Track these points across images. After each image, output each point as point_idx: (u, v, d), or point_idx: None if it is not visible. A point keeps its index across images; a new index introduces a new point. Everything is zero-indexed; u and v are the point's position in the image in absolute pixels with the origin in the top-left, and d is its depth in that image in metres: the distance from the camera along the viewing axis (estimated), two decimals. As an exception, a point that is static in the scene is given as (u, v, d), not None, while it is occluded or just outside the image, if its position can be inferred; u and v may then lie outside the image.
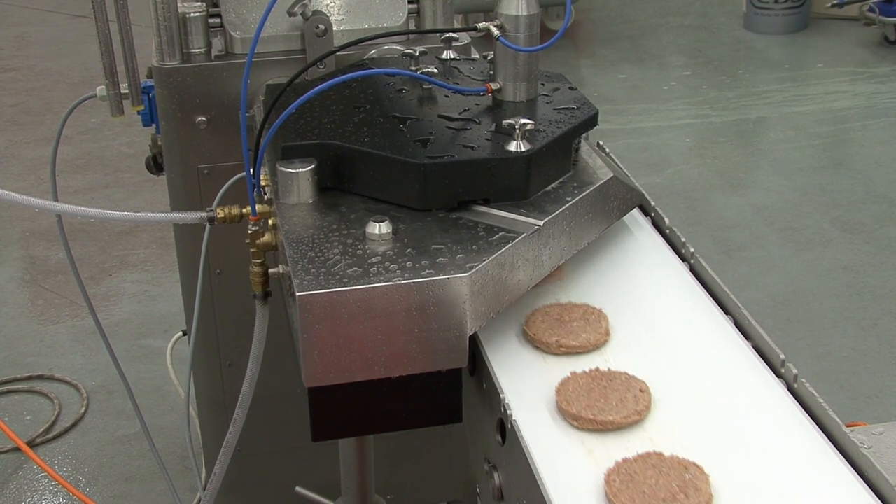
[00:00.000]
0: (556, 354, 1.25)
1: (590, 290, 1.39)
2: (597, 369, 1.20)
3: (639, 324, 1.32)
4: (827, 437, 1.11)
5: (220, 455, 1.67)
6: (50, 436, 3.20)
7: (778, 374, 1.21)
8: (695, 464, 1.05)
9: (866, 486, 1.04)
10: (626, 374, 1.19)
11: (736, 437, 1.12)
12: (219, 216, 1.54)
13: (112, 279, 4.03)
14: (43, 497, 3.02)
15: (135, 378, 2.78)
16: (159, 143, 2.08)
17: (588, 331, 1.27)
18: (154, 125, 2.06)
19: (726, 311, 1.33)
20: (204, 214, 1.56)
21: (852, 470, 1.06)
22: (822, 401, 1.13)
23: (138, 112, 2.02)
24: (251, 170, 1.38)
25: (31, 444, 3.13)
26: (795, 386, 1.17)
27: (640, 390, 1.16)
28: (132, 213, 1.56)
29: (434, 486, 2.67)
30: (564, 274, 1.42)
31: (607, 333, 1.28)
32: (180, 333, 2.65)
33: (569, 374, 1.19)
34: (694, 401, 1.17)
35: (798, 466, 1.07)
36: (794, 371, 1.18)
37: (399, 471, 2.52)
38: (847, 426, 1.12)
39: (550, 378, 1.20)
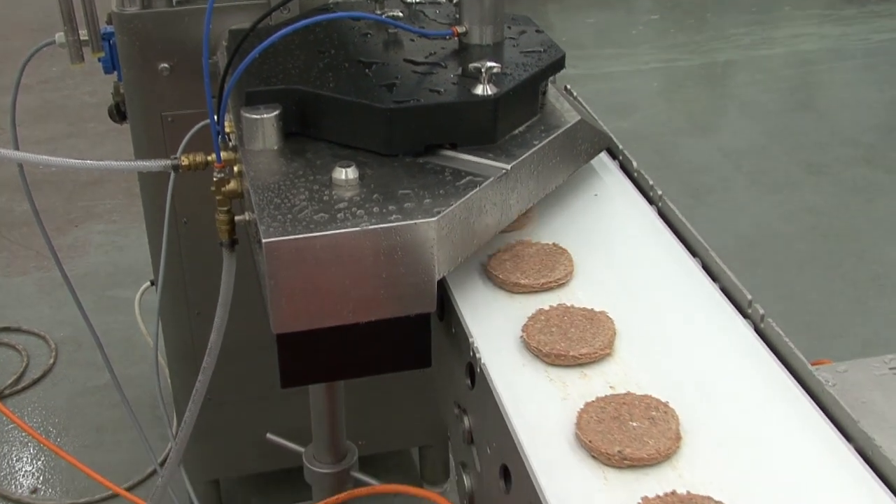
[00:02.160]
0: (523, 294, 1.26)
1: (557, 233, 1.39)
2: (562, 305, 1.21)
3: (606, 265, 1.33)
4: (792, 375, 1.12)
5: (189, 404, 1.67)
6: (19, 387, 3.19)
7: (745, 315, 1.22)
8: (665, 403, 1.06)
9: (830, 423, 1.05)
10: (593, 310, 1.20)
11: (702, 375, 1.12)
12: (183, 164, 1.53)
13: (78, 230, 4.00)
14: (13, 448, 3.01)
15: (103, 329, 2.76)
16: (122, 90, 2.06)
17: (554, 269, 1.28)
18: (116, 72, 2.03)
19: (694, 253, 1.34)
20: (168, 162, 1.54)
21: (817, 407, 1.07)
22: (787, 340, 1.15)
23: (99, 59, 1.99)
24: (215, 116, 1.36)
25: (0, 396, 3.12)
26: (762, 326, 1.19)
27: (606, 324, 1.17)
28: (95, 162, 1.54)
29: (405, 432, 2.69)
30: (533, 218, 1.42)
31: (571, 272, 1.29)
32: (148, 283, 2.64)
33: (535, 311, 1.20)
34: (661, 339, 1.18)
35: (763, 404, 1.08)
36: (761, 311, 1.19)
37: (370, 417, 2.53)
38: (812, 364, 1.13)
39: (518, 319, 1.20)
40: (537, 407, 1.08)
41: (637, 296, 1.26)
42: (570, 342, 1.14)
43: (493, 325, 1.19)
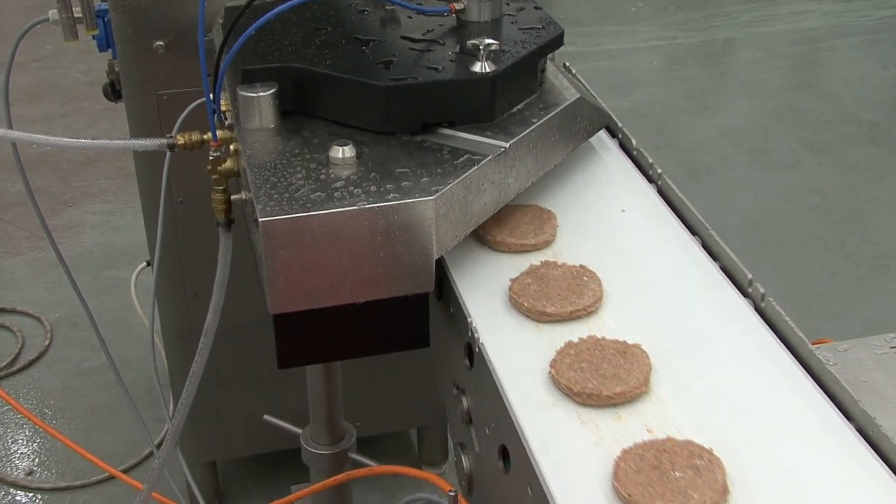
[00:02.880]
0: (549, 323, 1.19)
1: (556, 212, 1.39)
2: (592, 337, 1.14)
3: (605, 245, 1.33)
4: (793, 354, 1.12)
5: (186, 385, 1.68)
6: (14, 369, 3.19)
7: (745, 294, 1.22)
8: (710, 451, 0.98)
9: (831, 402, 1.06)
10: (626, 343, 1.12)
11: (700, 351, 1.13)
12: (179, 142, 1.52)
13: (73, 210, 3.99)
14: (9, 430, 3.02)
15: (99, 310, 2.76)
16: (116, 68, 2.05)
17: (582, 294, 1.21)
18: (110, 50, 2.03)
19: (694, 231, 1.34)
20: (164, 141, 1.54)
21: (817, 386, 1.08)
22: (788, 319, 1.15)
23: (93, 37, 1.98)
24: (211, 95, 1.36)
25: (-5, 378, 3.13)
26: (762, 305, 1.19)
27: (641, 359, 1.09)
28: (90, 141, 1.54)
29: (403, 413, 2.70)
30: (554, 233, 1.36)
31: (601, 298, 1.21)
32: (144, 264, 2.64)
33: (564, 344, 1.13)
34: (659, 320, 1.18)
35: (764, 382, 1.09)
36: (762, 290, 1.19)
37: (368, 398, 2.54)
38: (813, 344, 1.13)
39: (545, 352, 1.13)
40: (569, 452, 1.01)
41: (636, 275, 1.26)
42: (603, 379, 1.07)
43: (519, 359, 1.13)
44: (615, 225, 1.38)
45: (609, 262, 1.28)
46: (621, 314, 1.19)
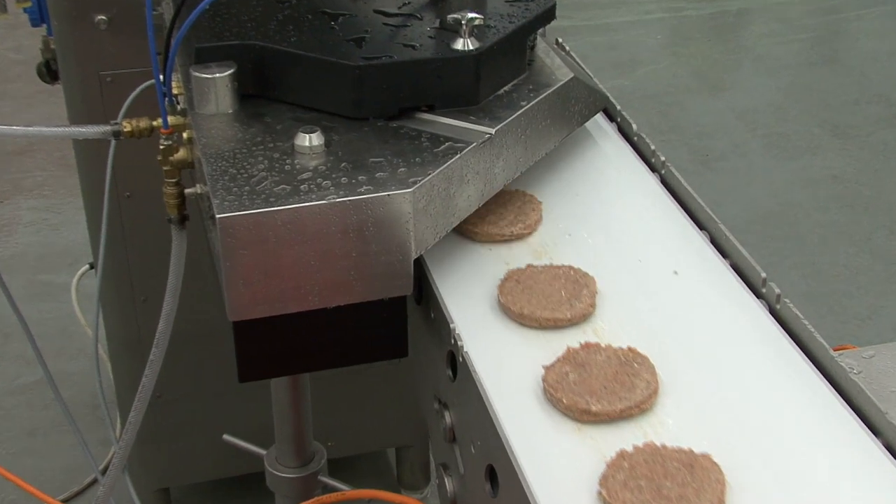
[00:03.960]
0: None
1: (547, 204, 1.40)
2: (649, 445, 1.06)
3: (603, 240, 1.34)
4: (812, 362, 1.13)
5: (135, 402, 1.68)
6: (-62, 387, 3.19)
7: (759, 296, 1.23)
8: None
9: (855, 415, 1.07)
10: (692, 452, 1.03)
11: (708, 363, 1.14)
12: (125, 130, 1.53)
13: (4, 206, 3.98)
14: (-67, 456, 3.01)
15: (35, 318, 2.76)
16: (52, 46, 2.05)
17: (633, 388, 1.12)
18: (45, 25, 2.03)
19: (701, 226, 1.35)
20: (108, 128, 1.54)
21: (840, 397, 1.09)
22: (806, 323, 1.16)
23: (24, 10, 1.98)
24: (161, 76, 1.37)
25: (-82, 397, 3.12)
26: (778, 307, 1.20)
27: (712, 474, 1.00)
28: (23, 128, 1.54)
29: (379, 431, 2.71)
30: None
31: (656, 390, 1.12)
32: (87, 267, 2.64)
33: (616, 455, 1.03)
34: (662, 323, 1.20)
35: (780, 395, 1.10)
36: (777, 291, 1.20)
37: (340, 414, 2.54)
38: (834, 350, 1.14)
39: (592, 463, 1.06)
40: (565, 473, 1.00)
41: (638, 275, 1.27)
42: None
43: (507, 367, 1.13)
44: (612, 220, 1.39)
45: (601, 258, 1.29)
46: (614, 316, 1.20)
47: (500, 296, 1.22)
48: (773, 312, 1.20)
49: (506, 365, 1.14)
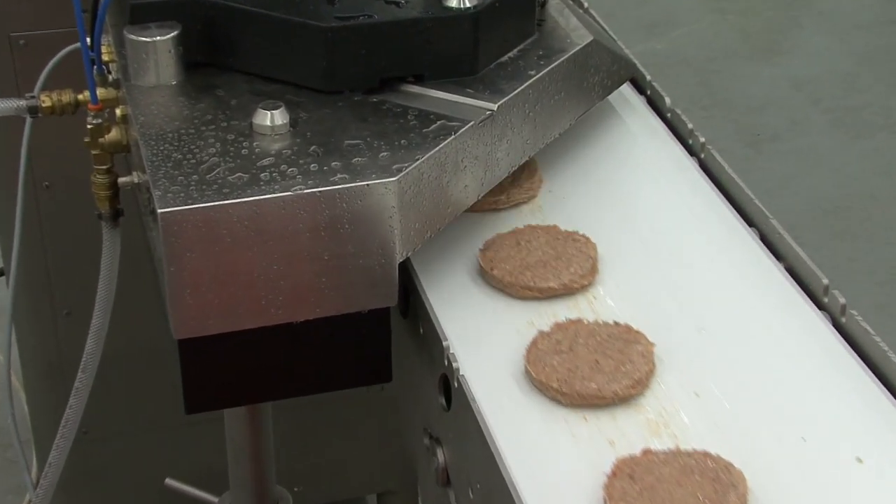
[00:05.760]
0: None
1: (563, 199, 1.41)
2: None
3: (630, 242, 1.35)
4: (887, 388, 1.14)
5: (56, 439, 1.69)
6: None
7: (820, 306, 1.24)
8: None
9: (936, 451, 1.08)
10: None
11: (763, 385, 1.15)
12: (44, 105, 1.54)
13: None
14: None
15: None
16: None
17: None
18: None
19: (750, 222, 1.37)
20: (23, 103, 1.55)
21: (918, 430, 1.10)
22: (878, 339, 1.16)
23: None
24: (88, 39, 1.37)
25: None
26: (843, 320, 1.21)
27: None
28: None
29: (358, 473, 2.71)
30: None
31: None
32: (-5, 273, 2.64)
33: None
34: (703, 342, 1.21)
35: (846, 424, 1.11)
36: (842, 300, 1.21)
37: (309, 453, 2.55)
38: (913, 373, 1.15)
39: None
40: (532, 427, 1.08)
41: (672, 284, 1.29)
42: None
43: (475, 321, 1.20)
44: (639, 209, 1.40)
45: (630, 251, 1.30)
46: (670, 372, 1.21)
47: None
48: (838, 326, 1.21)
49: (509, 390, 1.15)
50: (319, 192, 1.18)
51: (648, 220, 1.40)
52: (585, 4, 1.68)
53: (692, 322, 1.24)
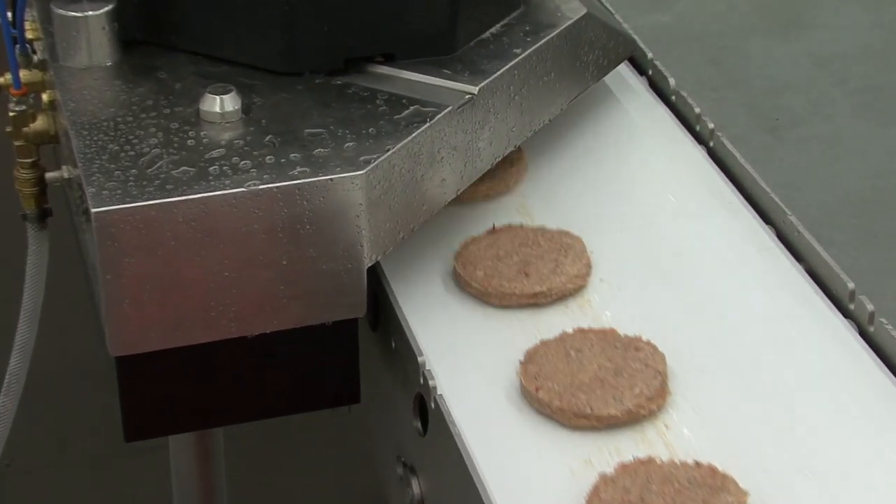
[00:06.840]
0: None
1: (552, 194, 1.42)
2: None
3: (630, 245, 1.36)
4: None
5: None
6: None
7: (846, 313, 1.25)
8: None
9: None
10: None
11: (786, 405, 1.16)
12: (-40, 91, 1.54)
13: None
14: None
15: None
16: None
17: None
18: None
19: (766, 218, 1.37)
20: (-65, 88, 1.55)
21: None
22: (908, 350, 1.18)
23: None
24: (9, 14, 1.37)
25: None
26: (871, 329, 1.22)
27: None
28: None
29: (322, 509, 2.71)
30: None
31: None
32: None
33: None
34: (715, 350, 1.22)
35: (874, 442, 1.12)
36: (870, 307, 1.22)
37: (266, 485, 2.55)
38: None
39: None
40: (526, 454, 1.09)
41: (679, 291, 1.29)
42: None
43: (452, 333, 1.20)
44: (638, 209, 1.41)
45: (622, 257, 1.31)
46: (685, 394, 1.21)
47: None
48: (865, 335, 1.22)
49: (493, 410, 1.15)
50: (276, 187, 1.17)
51: (655, 216, 1.40)
52: (578, -28, 1.68)
53: (699, 326, 1.25)
